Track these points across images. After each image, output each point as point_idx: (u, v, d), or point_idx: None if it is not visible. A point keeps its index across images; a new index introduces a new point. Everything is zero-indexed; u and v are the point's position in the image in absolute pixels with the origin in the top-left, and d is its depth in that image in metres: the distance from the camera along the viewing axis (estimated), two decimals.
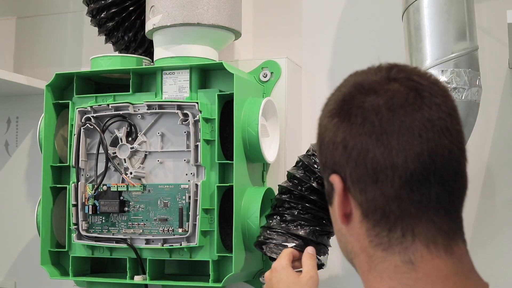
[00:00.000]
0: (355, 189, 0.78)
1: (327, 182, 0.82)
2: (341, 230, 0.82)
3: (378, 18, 1.69)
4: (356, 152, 0.77)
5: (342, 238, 0.83)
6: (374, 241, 0.78)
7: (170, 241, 1.46)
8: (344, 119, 0.79)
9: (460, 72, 1.35)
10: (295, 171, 1.39)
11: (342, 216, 0.80)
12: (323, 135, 0.82)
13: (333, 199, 0.82)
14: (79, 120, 1.53)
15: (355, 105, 0.78)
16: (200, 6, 1.48)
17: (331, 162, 0.80)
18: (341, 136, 0.78)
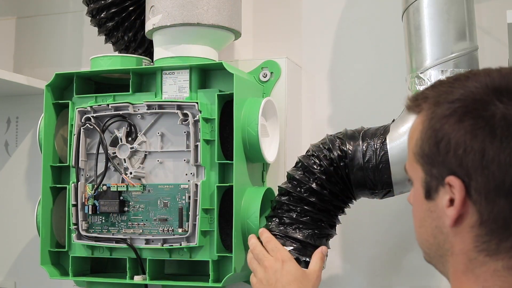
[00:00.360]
0: (481, 198, 0.80)
1: (434, 178, 0.83)
2: (441, 228, 0.84)
3: (378, 18, 1.69)
4: (496, 165, 0.78)
5: (439, 235, 0.85)
6: (480, 246, 0.82)
7: (170, 241, 1.46)
8: (482, 126, 0.79)
9: (460, 72, 1.34)
10: (295, 172, 1.39)
11: (454, 219, 0.82)
12: (447, 134, 0.81)
13: (436, 195, 0.84)
14: (79, 120, 1.53)
15: (494, 114, 0.79)
16: (200, 6, 1.48)
17: (455, 164, 0.81)
18: (479, 144, 0.79)
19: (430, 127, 0.84)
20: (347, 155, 1.37)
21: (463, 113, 0.81)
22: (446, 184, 0.82)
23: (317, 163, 1.38)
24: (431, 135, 0.84)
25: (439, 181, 0.83)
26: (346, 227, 1.68)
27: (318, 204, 1.36)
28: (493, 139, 0.78)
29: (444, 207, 0.82)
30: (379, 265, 1.66)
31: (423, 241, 0.88)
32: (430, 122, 0.84)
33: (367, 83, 1.69)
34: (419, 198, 0.87)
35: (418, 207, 0.88)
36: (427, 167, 0.84)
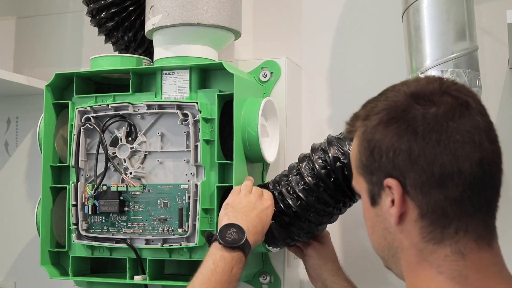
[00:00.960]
0: (417, 193, 0.87)
1: (375, 184, 0.91)
2: (388, 229, 0.91)
3: (378, 18, 1.69)
4: (423, 159, 0.86)
5: (388, 235, 0.92)
6: (427, 237, 0.88)
7: (170, 241, 1.46)
8: (405, 127, 0.87)
9: (460, 72, 1.35)
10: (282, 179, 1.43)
11: (397, 217, 0.89)
12: (378, 141, 0.89)
13: (379, 200, 0.91)
14: (79, 120, 1.53)
15: (415, 115, 0.87)
16: (200, 6, 1.48)
17: (389, 167, 0.88)
18: (405, 144, 0.87)
19: (364, 139, 0.92)
20: (346, 156, 1.37)
21: (388, 120, 0.89)
22: (386, 187, 0.89)
23: (309, 166, 1.39)
24: (365, 146, 0.92)
25: (380, 186, 0.90)
26: (346, 227, 1.68)
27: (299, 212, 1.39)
28: (416, 137, 0.86)
29: (387, 208, 0.90)
30: (379, 265, 1.66)
31: (377, 246, 0.96)
32: (363, 135, 0.92)
33: (367, 83, 1.69)
34: (367, 207, 0.95)
35: (368, 215, 0.95)
36: (367, 176, 0.92)
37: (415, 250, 0.89)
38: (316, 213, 1.40)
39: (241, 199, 1.34)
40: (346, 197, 1.41)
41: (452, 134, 0.85)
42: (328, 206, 1.40)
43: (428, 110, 0.87)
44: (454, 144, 0.85)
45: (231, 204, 1.34)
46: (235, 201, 1.34)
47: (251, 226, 1.30)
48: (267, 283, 1.57)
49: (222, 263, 1.23)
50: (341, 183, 1.38)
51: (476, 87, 1.36)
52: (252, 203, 1.34)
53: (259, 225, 1.33)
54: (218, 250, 1.25)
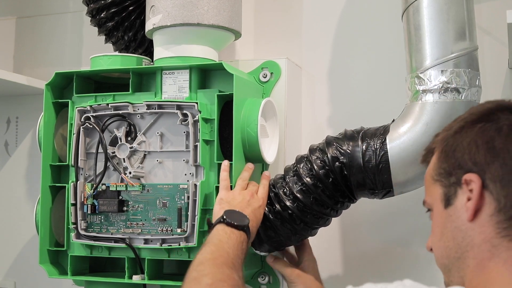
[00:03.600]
0: (496, 185, 0.90)
1: (452, 185, 0.94)
2: (460, 227, 0.93)
3: (378, 18, 1.69)
4: (506, 152, 0.90)
5: (458, 234, 0.93)
6: (502, 232, 0.89)
7: (169, 241, 1.46)
8: (489, 126, 0.92)
9: (460, 72, 1.34)
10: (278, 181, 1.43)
11: (474, 210, 0.91)
12: (460, 141, 0.94)
13: (454, 199, 0.94)
14: (79, 120, 1.53)
15: (499, 118, 0.93)
16: (200, 6, 1.48)
17: (470, 162, 0.92)
18: (488, 138, 0.92)
19: (445, 146, 0.97)
20: (345, 156, 1.37)
21: (472, 122, 0.95)
22: (463, 184, 0.92)
23: (307, 166, 1.39)
24: (447, 151, 0.96)
25: (457, 184, 0.94)
26: (346, 227, 1.68)
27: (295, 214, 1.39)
28: (500, 133, 0.91)
29: (462, 205, 0.92)
30: (378, 264, 1.66)
31: (443, 251, 0.96)
32: (444, 144, 0.97)
33: (367, 83, 1.69)
34: (439, 214, 0.97)
35: (438, 222, 0.97)
36: (445, 180, 0.96)
37: (488, 245, 0.90)
38: (312, 215, 1.39)
39: (234, 196, 1.35)
40: (345, 197, 1.41)
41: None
42: (325, 208, 1.39)
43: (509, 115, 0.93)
44: None
45: (226, 200, 1.34)
46: (229, 197, 1.35)
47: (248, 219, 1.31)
48: (266, 284, 1.57)
49: (232, 236, 1.24)
50: (340, 183, 1.38)
51: (476, 87, 1.36)
52: (246, 200, 1.35)
53: (254, 221, 1.33)
54: (225, 228, 1.25)
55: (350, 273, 1.67)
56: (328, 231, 1.60)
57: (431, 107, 1.35)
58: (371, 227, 1.67)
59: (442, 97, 1.35)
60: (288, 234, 1.41)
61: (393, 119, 1.42)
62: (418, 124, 1.36)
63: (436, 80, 1.34)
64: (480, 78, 1.38)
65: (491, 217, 0.90)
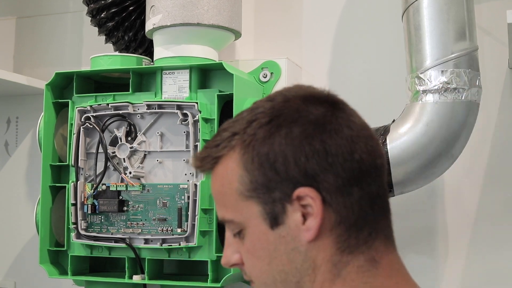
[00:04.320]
0: (336, 195, 0.78)
1: (277, 202, 0.79)
2: (298, 248, 0.79)
3: (378, 18, 1.69)
4: (341, 157, 0.78)
5: (296, 257, 0.80)
6: (342, 246, 0.79)
7: (169, 241, 1.45)
8: (312, 128, 0.79)
9: (460, 72, 1.34)
10: None
11: (317, 228, 0.78)
12: (280, 151, 0.78)
13: (284, 218, 0.79)
14: (79, 119, 1.53)
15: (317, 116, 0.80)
16: (200, 6, 1.48)
17: (300, 175, 0.78)
18: (319, 145, 0.78)
19: (255, 155, 0.79)
20: None
21: (289, 125, 0.79)
22: (294, 200, 0.78)
23: None
24: (260, 161, 0.79)
25: (285, 201, 0.78)
26: None
27: None
28: (329, 134, 0.78)
29: (298, 224, 0.78)
30: None
31: (277, 276, 0.81)
32: (251, 152, 0.79)
33: (367, 83, 1.69)
34: (262, 234, 0.81)
35: (263, 243, 0.81)
36: (264, 196, 0.79)
37: (329, 265, 0.79)
38: None
39: None
40: None
41: (357, 129, 0.81)
42: None
43: (326, 111, 0.81)
44: (362, 138, 0.80)
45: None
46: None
47: None
48: None
49: None
50: None
51: (476, 87, 1.36)
52: None
53: None
54: None
55: None
56: None
57: (431, 108, 1.35)
58: None
59: (442, 98, 1.35)
60: None
61: (393, 119, 1.42)
62: (418, 125, 1.36)
63: (436, 80, 1.35)
64: (480, 78, 1.38)
65: (331, 231, 0.79)
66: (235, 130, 0.82)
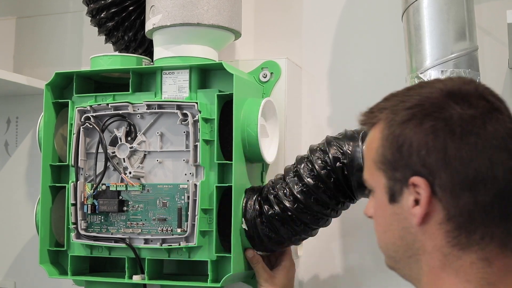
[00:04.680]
0: (446, 194, 0.84)
1: (397, 181, 0.87)
2: (409, 229, 0.88)
3: (378, 18, 1.69)
4: (458, 161, 0.83)
5: (407, 235, 0.88)
6: (452, 241, 0.85)
7: (169, 241, 1.45)
8: (441, 126, 0.84)
9: (460, 72, 1.35)
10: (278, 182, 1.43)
11: (421, 217, 0.85)
12: (408, 137, 0.86)
13: (400, 198, 0.88)
14: (79, 119, 1.53)
15: (452, 114, 0.85)
16: (200, 6, 1.48)
17: (419, 165, 0.85)
18: (441, 143, 0.84)
19: (391, 134, 0.88)
20: (346, 156, 1.37)
21: (423, 117, 0.86)
22: (410, 185, 0.86)
23: (308, 167, 1.39)
24: (392, 141, 0.88)
25: (403, 183, 0.87)
26: (346, 227, 1.68)
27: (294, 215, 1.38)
28: (453, 137, 0.84)
29: (409, 207, 0.86)
30: (378, 264, 1.66)
31: (389, 245, 0.92)
32: (389, 129, 0.88)
33: (367, 83, 1.69)
34: (383, 204, 0.91)
35: (382, 213, 0.91)
36: (389, 172, 0.88)
37: (439, 254, 0.86)
38: (312, 216, 1.39)
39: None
40: (346, 197, 1.41)
41: (489, 138, 0.84)
42: (326, 208, 1.39)
43: (466, 111, 0.85)
44: (490, 149, 0.84)
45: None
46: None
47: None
48: None
49: None
50: (342, 183, 1.38)
51: None
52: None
53: None
54: None
55: (350, 273, 1.67)
56: (328, 231, 1.60)
57: None
58: (371, 227, 1.66)
59: None
60: (289, 235, 1.41)
61: None
62: None
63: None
64: (480, 78, 1.38)
65: (440, 225, 0.85)
66: (387, 105, 0.92)
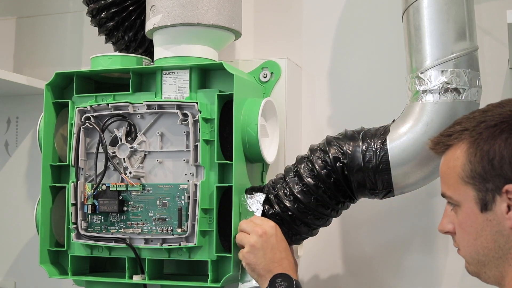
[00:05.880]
0: None
1: (489, 191, 0.97)
2: (502, 232, 0.97)
3: (378, 19, 1.69)
4: None
5: (499, 238, 0.98)
6: None
7: (169, 241, 1.45)
8: None
9: (460, 72, 1.35)
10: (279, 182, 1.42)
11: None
12: (500, 150, 0.96)
13: (493, 205, 0.97)
14: (79, 120, 1.53)
15: None
16: (200, 6, 1.48)
17: (511, 174, 0.95)
18: None
19: (479, 150, 0.98)
20: (346, 156, 1.37)
21: (510, 131, 0.96)
22: (503, 193, 0.95)
23: (308, 167, 1.39)
24: (481, 156, 0.97)
25: (495, 192, 0.96)
26: (346, 227, 1.68)
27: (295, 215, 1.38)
28: None
29: (503, 213, 0.96)
30: (378, 264, 1.66)
31: (480, 250, 1.00)
32: (477, 147, 0.98)
33: (367, 83, 1.69)
34: (473, 214, 1.00)
35: (472, 222, 1.00)
36: (480, 184, 0.98)
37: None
38: (312, 216, 1.39)
39: (255, 251, 1.33)
40: (346, 198, 1.41)
41: None
42: (326, 208, 1.40)
43: None
44: None
45: (255, 264, 1.33)
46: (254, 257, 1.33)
47: (286, 264, 1.31)
48: None
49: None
50: (342, 183, 1.38)
51: (476, 87, 1.36)
52: (264, 243, 1.33)
53: (288, 254, 1.34)
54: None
55: (350, 273, 1.67)
56: (328, 231, 1.60)
57: (431, 108, 1.35)
58: (371, 227, 1.67)
59: (442, 98, 1.35)
60: (289, 235, 1.41)
61: (393, 119, 1.43)
62: (418, 125, 1.36)
63: (436, 80, 1.35)
64: (480, 78, 1.38)
65: None
66: (467, 127, 1.01)
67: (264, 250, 1.33)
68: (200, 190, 1.42)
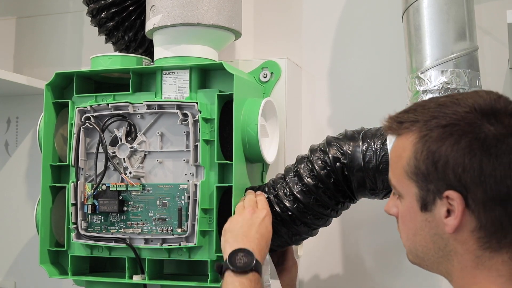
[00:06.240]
0: (479, 207, 0.91)
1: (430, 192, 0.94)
2: (440, 235, 0.95)
3: (378, 19, 1.69)
4: (493, 179, 0.90)
5: (439, 241, 0.96)
6: (483, 246, 0.93)
7: (169, 241, 1.46)
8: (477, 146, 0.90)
9: (460, 72, 1.35)
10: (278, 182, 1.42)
11: (455, 227, 0.93)
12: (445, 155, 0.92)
13: (433, 207, 0.94)
14: (79, 120, 1.53)
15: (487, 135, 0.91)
16: (200, 6, 1.48)
17: (454, 180, 0.91)
18: (477, 163, 0.90)
19: (426, 149, 0.94)
20: (346, 156, 1.37)
21: (459, 137, 0.92)
22: (444, 198, 0.92)
23: (308, 167, 1.39)
24: (427, 156, 0.94)
25: (436, 194, 0.94)
26: (346, 227, 1.68)
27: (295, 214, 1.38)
28: (489, 157, 0.90)
29: (442, 217, 0.94)
30: (378, 264, 1.66)
31: (419, 247, 0.99)
32: (424, 144, 0.94)
33: (367, 83, 1.69)
34: (413, 211, 0.98)
35: (411, 218, 0.98)
36: (422, 183, 0.95)
37: (471, 256, 0.94)
38: (312, 216, 1.39)
39: (236, 220, 1.32)
40: (346, 198, 1.41)
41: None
42: (326, 208, 1.40)
43: (500, 130, 0.91)
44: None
45: (229, 229, 1.31)
46: (232, 224, 1.32)
47: (255, 244, 1.28)
48: None
49: (245, 282, 1.23)
50: (341, 183, 1.38)
51: (476, 87, 1.36)
52: (248, 219, 1.31)
53: (262, 240, 1.30)
54: (234, 277, 1.23)
55: (350, 273, 1.67)
56: (328, 231, 1.60)
57: None
58: (371, 227, 1.67)
59: None
60: (289, 235, 1.41)
61: None
62: None
63: (436, 80, 1.35)
64: (480, 78, 1.38)
65: (472, 232, 0.93)
66: (418, 118, 0.97)
67: (243, 222, 1.31)
68: (200, 190, 1.42)
